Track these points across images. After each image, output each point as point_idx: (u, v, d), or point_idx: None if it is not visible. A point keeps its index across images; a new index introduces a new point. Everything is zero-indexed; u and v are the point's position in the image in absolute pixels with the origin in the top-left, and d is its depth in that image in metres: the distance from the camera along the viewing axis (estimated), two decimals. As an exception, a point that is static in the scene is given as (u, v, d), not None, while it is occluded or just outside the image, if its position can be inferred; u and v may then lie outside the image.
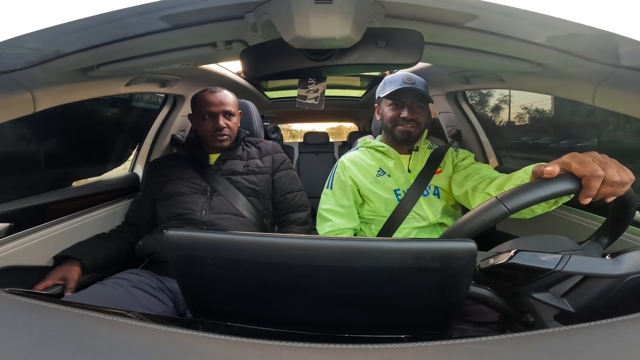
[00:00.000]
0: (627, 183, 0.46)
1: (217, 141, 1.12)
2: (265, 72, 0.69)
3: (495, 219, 0.43)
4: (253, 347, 0.32)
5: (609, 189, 0.45)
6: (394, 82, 0.99)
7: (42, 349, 0.31)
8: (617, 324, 0.34)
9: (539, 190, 0.43)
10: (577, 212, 0.94)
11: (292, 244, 0.41)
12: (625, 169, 0.46)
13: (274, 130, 1.81)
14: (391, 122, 1.00)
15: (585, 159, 0.45)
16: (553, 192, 0.43)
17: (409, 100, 0.98)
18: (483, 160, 1.42)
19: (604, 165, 0.45)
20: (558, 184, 0.43)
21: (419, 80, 0.99)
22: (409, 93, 0.97)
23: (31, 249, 0.88)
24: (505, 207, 0.43)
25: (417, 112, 0.99)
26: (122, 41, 0.66)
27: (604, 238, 0.54)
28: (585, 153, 0.47)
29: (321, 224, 1.01)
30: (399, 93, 0.97)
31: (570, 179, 0.44)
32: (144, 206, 1.14)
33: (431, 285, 0.40)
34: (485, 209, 0.44)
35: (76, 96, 0.89)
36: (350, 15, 0.54)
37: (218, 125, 1.10)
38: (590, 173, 0.43)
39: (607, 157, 0.47)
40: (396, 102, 0.99)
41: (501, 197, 0.44)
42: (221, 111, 1.11)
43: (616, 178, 0.44)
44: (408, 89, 0.96)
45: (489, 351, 0.31)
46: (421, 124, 1.00)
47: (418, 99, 0.97)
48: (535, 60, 0.75)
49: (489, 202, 0.44)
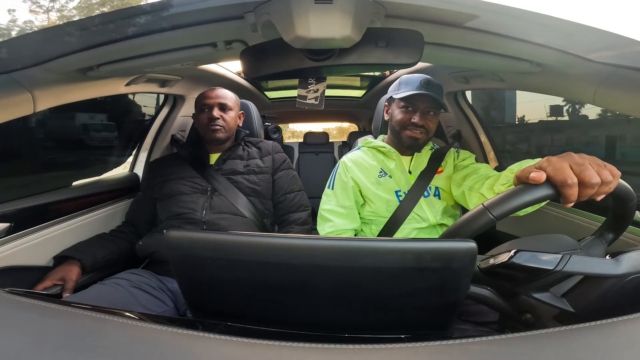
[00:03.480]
0: (611, 181, 0.43)
1: (210, 132, 1.12)
2: (265, 72, 0.69)
3: (483, 226, 0.44)
4: (253, 347, 0.32)
5: (591, 191, 0.43)
6: (410, 84, 0.96)
7: (42, 349, 0.31)
8: (617, 324, 0.34)
9: (522, 197, 0.43)
10: (577, 212, 0.94)
11: (292, 244, 0.41)
12: (607, 166, 0.44)
13: (275, 131, 1.81)
14: (400, 124, 0.98)
15: (559, 165, 0.43)
16: (535, 198, 0.43)
17: (423, 105, 0.95)
18: (483, 161, 1.42)
19: (580, 168, 0.42)
20: (539, 191, 0.43)
21: (436, 85, 0.95)
22: (425, 99, 0.93)
23: (31, 249, 0.88)
24: (491, 215, 0.43)
25: (429, 119, 0.96)
26: (122, 41, 0.66)
27: (608, 234, 0.54)
28: (561, 156, 0.44)
29: (322, 224, 1.01)
30: (414, 97, 0.94)
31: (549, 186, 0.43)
32: (144, 206, 1.14)
33: (431, 285, 0.40)
34: (473, 217, 0.45)
35: (76, 96, 0.89)
36: (350, 15, 0.54)
37: (212, 116, 1.10)
38: (561, 182, 0.42)
39: (586, 156, 0.44)
40: (409, 106, 0.96)
41: (487, 204, 0.44)
42: (216, 103, 1.12)
43: (595, 180, 0.42)
44: (424, 95, 0.92)
45: (489, 351, 0.31)
46: (430, 131, 0.98)
47: (432, 105, 0.94)
48: (535, 60, 0.75)
49: (476, 210, 0.45)
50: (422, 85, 0.94)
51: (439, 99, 0.93)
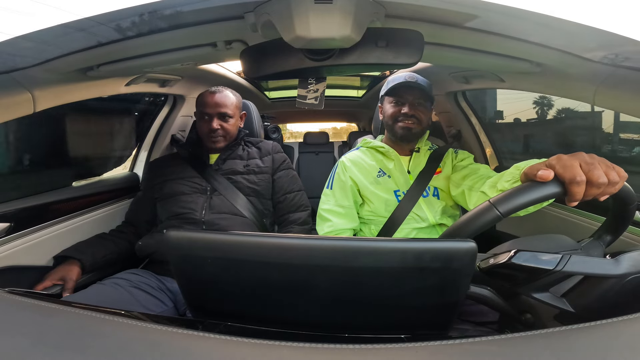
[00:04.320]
0: (618, 182, 0.44)
1: (210, 142, 1.13)
2: (265, 72, 0.69)
3: (489, 222, 0.44)
4: (253, 347, 0.32)
5: (597, 190, 0.43)
6: (396, 80, 0.99)
7: (42, 349, 0.31)
8: (617, 324, 0.34)
9: (529, 194, 0.43)
10: (577, 212, 0.94)
11: (292, 244, 0.41)
12: (615, 168, 0.45)
13: (275, 130, 1.81)
14: (392, 118, 1.01)
15: (569, 163, 0.43)
16: (542, 195, 0.43)
17: (411, 97, 0.98)
18: (483, 161, 1.42)
19: (589, 167, 0.43)
20: (547, 188, 0.43)
21: (422, 79, 0.99)
22: (411, 90, 0.97)
23: (31, 249, 0.88)
24: (497, 211, 0.43)
25: (419, 109, 0.99)
26: (122, 41, 0.66)
27: (607, 235, 0.54)
28: (572, 155, 0.45)
29: (321, 224, 1.01)
30: (400, 90, 0.98)
31: (557, 183, 0.44)
32: (144, 206, 1.14)
33: (431, 285, 0.40)
34: (479, 213, 0.44)
35: (76, 96, 0.89)
36: (350, 15, 0.54)
37: (211, 127, 1.10)
38: (569, 179, 0.42)
39: (596, 157, 0.45)
40: (397, 99, 1.00)
41: (494, 200, 0.44)
42: (216, 113, 1.11)
43: (602, 180, 0.43)
44: (409, 86, 0.96)
45: (489, 351, 0.31)
46: (422, 121, 1.00)
47: (420, 96, 0.98)
48: (535, 60, 0.75)
49: (482, 206, 0.45)
50: (406, 79, 0.97)
51: (424, 87, 0.96)
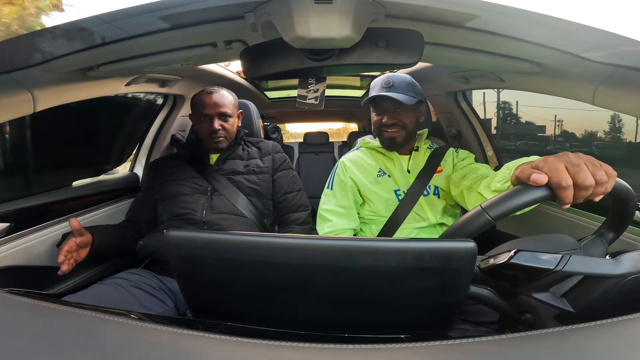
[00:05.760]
0: (606, 182, 0.43)
1: (213, 143, 1.12)
2: (265, 72, 0.69)
3: (481, 227, 0.44)
4: (253, 347, 0.32)
5: (585, 193, 0.42)
6: (374, 88, 0.98)
7: (42, 349, 0.31)
8: (617, 324, 0.34)
9: (518, 198, 0.43)
10: (577, 212, 0.94)
11: (292, 244, 0.41)
12: (602, 166, 0.43)
13: (274, 130, 1.82)
14: (376, 128, 1.00)
15: (554, 166, 0.42)
16: (531, 199, 0.43)
17: (388, 104, 0.96)
18: (483, 161, 1.42)
19: (575, 169, 0.42)
20: (535, 192, 0.43)
21: (399, 82, 0.95)
22: (386, 98, 0.94)
23: (31, 249, 0.88)
24: (488, 216, 0.43)
25: (400, 116, 0.96)
26: (122, 41, 0.66)
27: (609, 233, 0.54)
28: (557, 156, 0.44)
29: (321, 224, 1.01)
30: (376, 100, 0.96)
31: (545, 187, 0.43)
32: (145, 206, 1.14)
33: (431, 285, 0.40)
34: (471, 218, 0.44)
35: (76, 96, 0.89)
36: (350, 15, 0.54)
37: (213, 128, 1.09)
38: (556, 185, 0.42)
39: (583, 156, 0.44)
40: (377, 109, 0.99)
41: (485, 206, 0.44)
42: (216, 113, 1.10)
43: (589, 182, 0.41)
44: (383, 97, 0.93)
45: (489, 351, 0.31)
46: (407, 126, 0.97)
47: (397, 101, 0.93)
48: (535, 60, 0.75)
49: (474, 211, 0.45)
50: (382, 86, 0.95)
51: (398, 98, 0.91)
